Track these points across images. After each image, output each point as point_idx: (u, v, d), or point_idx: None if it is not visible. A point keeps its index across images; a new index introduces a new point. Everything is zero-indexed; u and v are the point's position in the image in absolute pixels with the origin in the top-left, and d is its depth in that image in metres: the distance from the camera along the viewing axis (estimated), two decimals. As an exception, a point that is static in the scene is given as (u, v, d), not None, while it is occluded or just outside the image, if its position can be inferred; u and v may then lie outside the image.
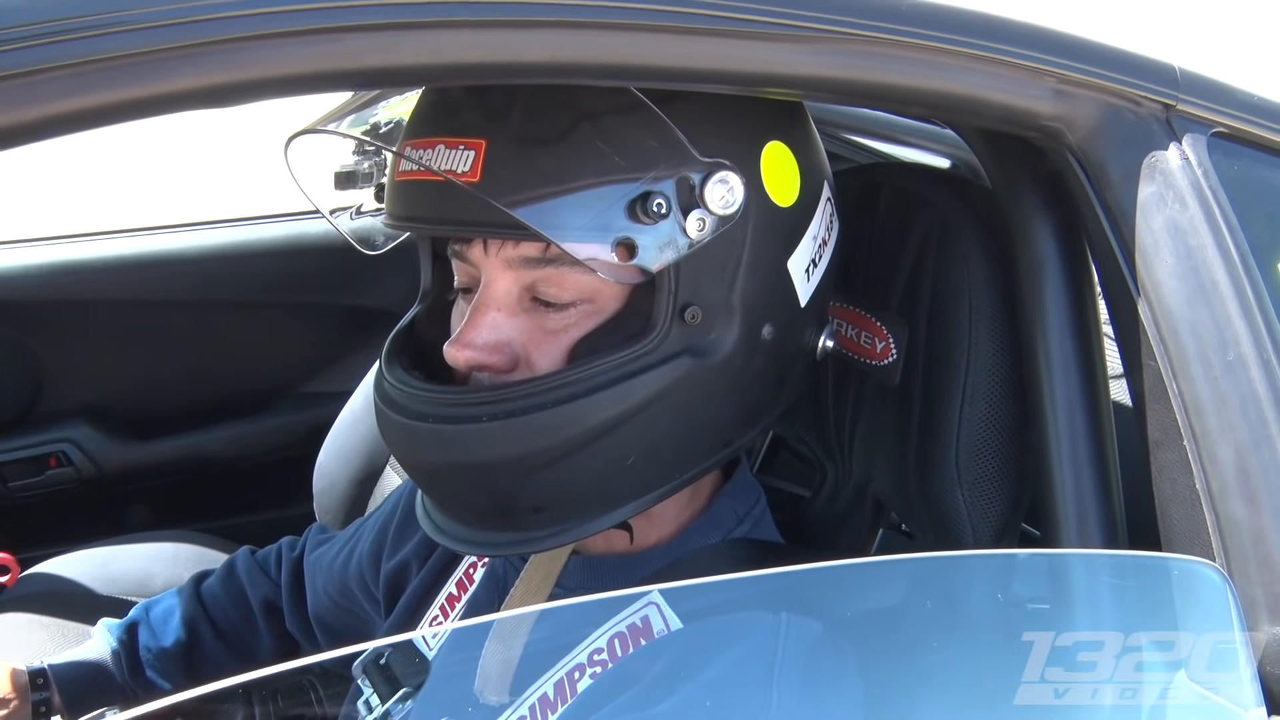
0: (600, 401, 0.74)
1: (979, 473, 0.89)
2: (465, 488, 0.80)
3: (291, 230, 2.21)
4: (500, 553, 0.87)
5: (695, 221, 0.73)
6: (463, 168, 0.73)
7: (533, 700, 0.77)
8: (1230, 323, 0.79)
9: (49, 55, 0.53)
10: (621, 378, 0.75)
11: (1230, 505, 0.77)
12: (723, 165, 0.74)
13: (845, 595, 0.77)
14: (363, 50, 0.58)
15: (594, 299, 0.77)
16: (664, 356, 0.76)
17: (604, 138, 0.73)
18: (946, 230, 0.92)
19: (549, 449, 0.75)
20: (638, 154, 0.73)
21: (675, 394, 0.77)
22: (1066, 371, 0.85)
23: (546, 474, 0.76)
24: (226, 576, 1.29)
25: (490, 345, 0.78)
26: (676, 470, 0.81)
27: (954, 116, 0.89)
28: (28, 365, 2.08)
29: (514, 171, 0.73)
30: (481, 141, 0.73)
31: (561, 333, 0.78)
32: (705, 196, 0.74)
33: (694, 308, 0.76)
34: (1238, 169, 0.84)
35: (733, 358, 0.78)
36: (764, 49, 0.70)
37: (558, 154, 0.73)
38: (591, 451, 0.76)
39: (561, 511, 0.79)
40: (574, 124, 0.73)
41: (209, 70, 0.56)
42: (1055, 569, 0.81)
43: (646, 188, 0.72)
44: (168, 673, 1.21)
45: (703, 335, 0.77)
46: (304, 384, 2.28)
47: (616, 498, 0.79)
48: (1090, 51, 0.80)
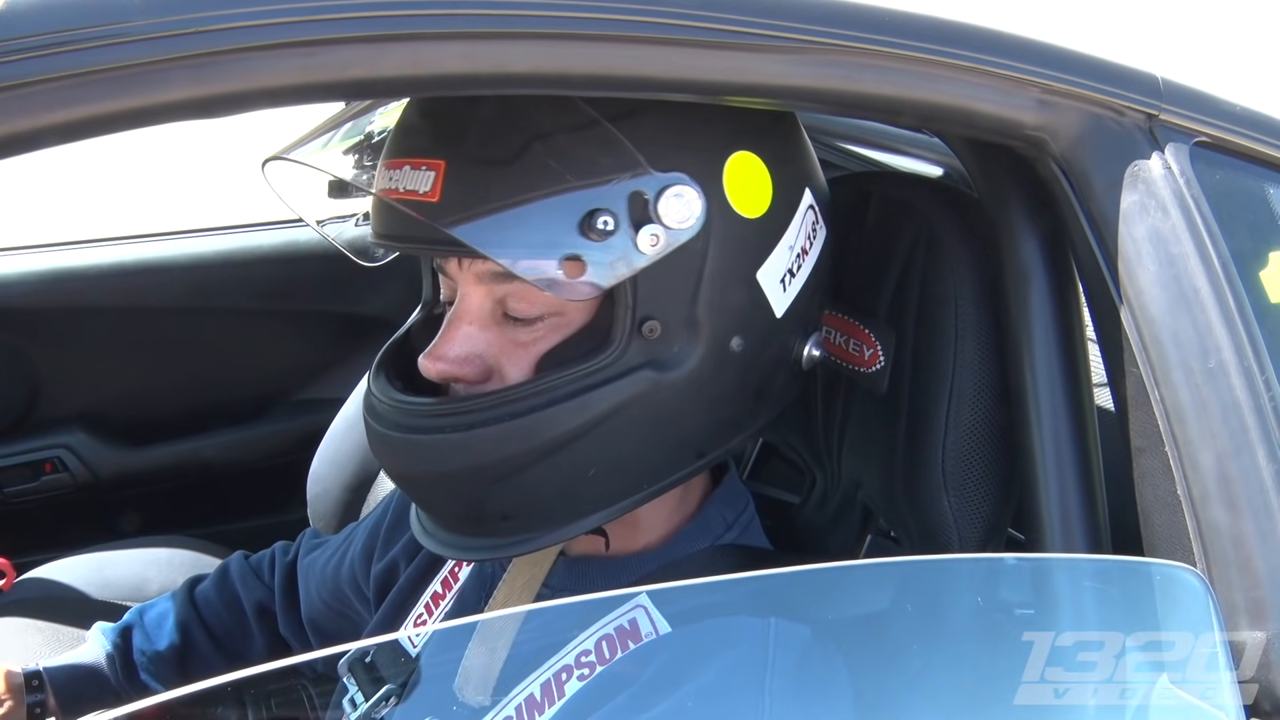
0: (559, 414, 0.76)
1: (965, 479, 0.89)
2: (437, 495, 0.83)
3: (287, 237, 2.21)
4: (473, 557, 0.89)
5: (648, 237, 0.73)
6: (424, 188, 0.75)
7: (519, 701, 0.78)
8: (1211, 330, 0.80)
9: (40, 68, 0.54)
10: (580, 390, 0.76)
11: (1211, 511, 0.78)
12: (678, 180, 0.74)
13: (832, 600, 0.78)
14: (348, 62, 0.59)
15: (562, 312, 0.78)
16: (623, 370, 0.77)
17: (556, 156, 0.73)
18: (934, 239, 0.92)
19: (509, 459, 0.77)
20: (589, 171, 0.74)
21: (636, 407, 0.77)
22: (1051, 378, 0.85)
23: (510, 483, 0.78)
24: (220, 581, 1.29)
25: (461, 358, 0.79)
26: (645, 481, 0.81)
27: (938, 126, 0.89)
28: (24, 371, 2.08)
29: (469, 191, 0.74)
30: (441, 162, 0.75)
31: (531, 345, 0.79)
32: (659, 211, 0.74)
33: (653, 322, 0.76)
34: (1220, 178, 0.85)
35: (699, 371, 0.79)
36: (748, 60, 0.71)
37: (510, 173, 0.74)
38: (553, 462, 0.77)
39: (528, 519, 0.81)
40: (527, 143, 0.74)
41: (198, 82, 0.57)
42: (1039, 573, 0.81)
43: (595, 205, 0.73)
44: (162, 676, 1.21)
45: (664, 349, 0.77)
46: (299, 391, 2.28)
47: (583, 507, 0.81)
48: (1073, 61, 0.81)
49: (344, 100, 0.58)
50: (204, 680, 1.24)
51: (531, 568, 0.91)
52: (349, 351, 2.22)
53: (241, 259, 2.19)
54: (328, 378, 2.25)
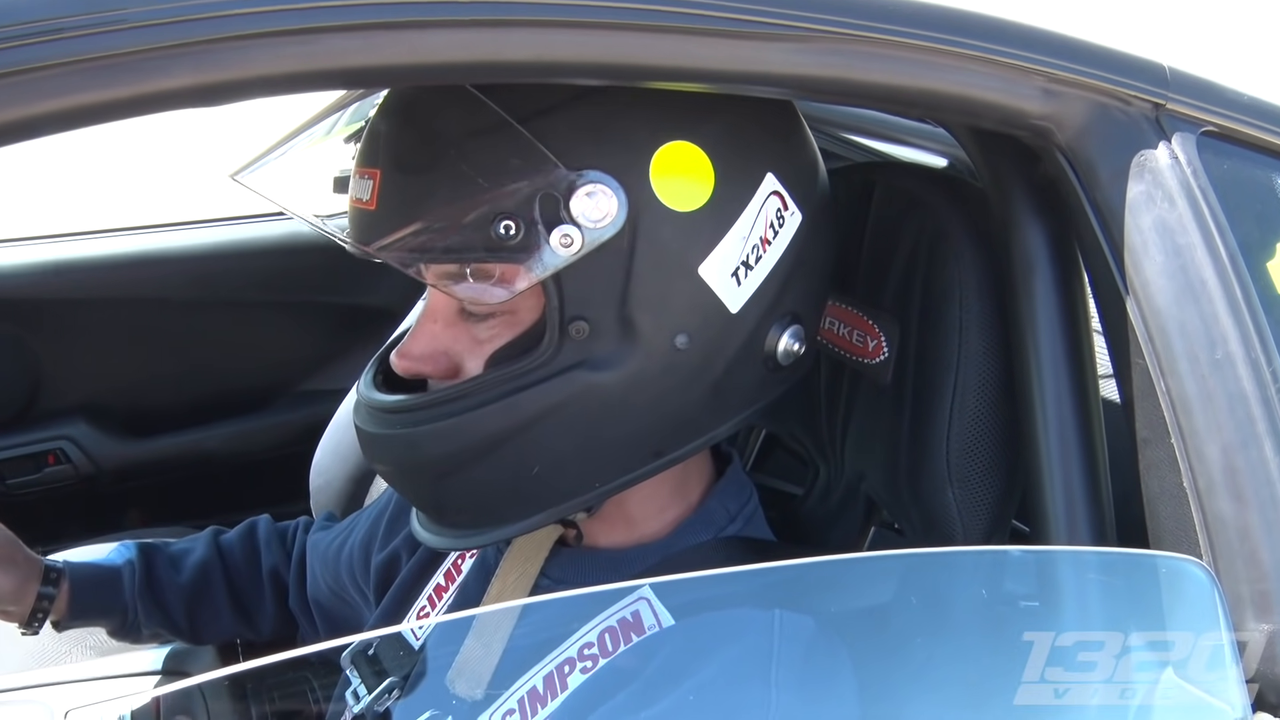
0: (490, 414, 0.77)
1: (969, 470, 0.89)
2: (401, 486, 0.88)
3: (289, 229, 2.21)
4: (440, 547, 0.93)
5: (560, 237, 0.72)
6: (365, 196, 0.77)
7: (521, 694, 0.78)
8: (1218, 321, 0.79)
9: (37, 55, 0.53)
10: (510, 391, 0.76)
11: (1217, 503, 0.78)
12: (592, 178, 0.73)
13: (836, 591, 0.78)
14: (345, 50, 0.58)
15: (513, 311, 0.78)
16: (554, 371, 0.76)
17: (467, 160, 0.73)
18: (938, 229, 0.92)
19: (449, 456, 0.79)
20: (499, 174, 0.73)
21: (570, 408, 0.77)
22: (1056, 370, 0.85)
23: (455, 479, 0.80)
24: (246, 535, 1.29)
25: (424, 355, 0.81)
26: (595, 479, 0.81)
27: (943, 115, 0.89)
28: (26, 362, 2.08)
29: (395, 200, 0.76)
30: (377, 171, 0.77)
31: (486, 343, 0.80)
32: (571, 211, 0.72)
33: (580, 322, 0.75)
34: (1227, 168, 0.84)
35: (639, 372, 0.77)
36: (752, 48, 0.70)
37: (426, 180, 0.75)
38: (492, 460, 0.78)
39: (477, 514, 0.83)
40: (442, 149, 0.74)
41: (196, 70, 0.56)
42: (1044, 566, 0.81)
43: (502, 208, 0.72)
44: (173, 607, 1.21)
45: (597, 349, 0.76)
46: (301, 382, 2.28)
47: (530, 504, 0.81)
48: (1079, 50, 0.80)
49: (342, 89, 0.58)
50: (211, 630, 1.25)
51: (526, 560, 0.91)
52: (351, 343, 2.22)
53: (244, 250, 2.18)
54: (330, 369, 2.25)
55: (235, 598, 1.25)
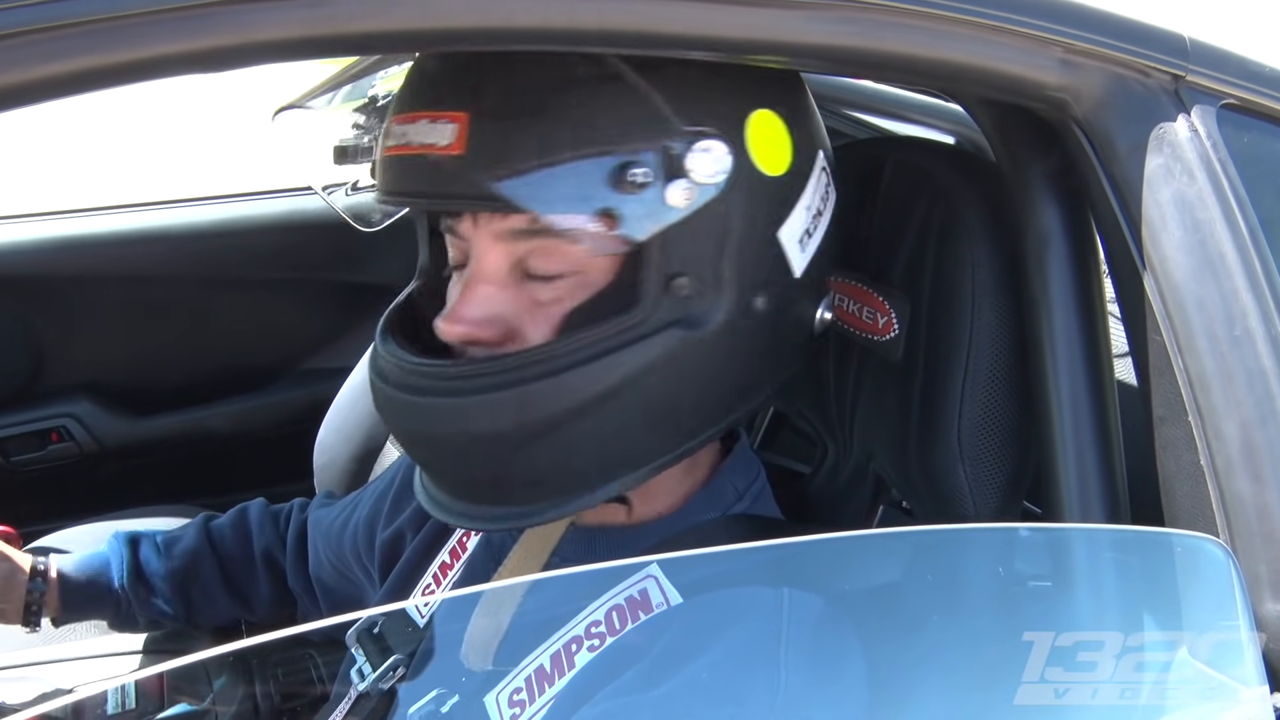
0: (588, 373, 0.74)
1: (981, 448, 0.88)
2: (461, 461, 0.79)
3: (291, 206, 2.20)
4: (495, 527, 0.87)
5: (679, 191, 0.72)
6: (444, 141, 0.73)
7: (529, 672, 0.77)
8: (1238, 297, 0.78)
9: (34, 17, 0.52)
10: (613, 349, 0.74)
11: (1235, 481, 0.77)
12: (706, 134, 0.73)
13: (845, 570, 0.77)
14: (353, 14, 0.57)
15: (583, 271, 0.77)
16: (654, 328, 0.75)
17: (584, 108, 0.72)
18: (950, 204, 0.91)
19: (543, 421, 0.74)
20: (619, 124, 0.72)
21: (668, 365, 0.76)
22: (1070, 346, 0.84)
23: (541, 446, 0.76)
24: (238, 520, 1.29)
25: (482, 319, 0.77)
26: (673, 442, 0.80)
27: (957, 87, 0.87)
28: (29, 340, 2.08)
29: (495, 144, 0.72)
30: (463, 115, 0.73)
31: (553, 305, 0.77)
32: (688, 166, 0.73)
33: (682, 278, 0.75)
34: (1247, 141, 0.83)
35: (725, 329, 0.77)
36: (762, 15, 0.68)
37: (538, 126, 0.72)
38: (585, 423, 0.75)
39: (556, 485, 0.79)
40: (554, 95, 0.72)
41: (197, 34, 0.55)
42: (1057, 544, 0.80)
43: (628, 158, 0.72)
44: (165, 594, 1.21)
45: (692, 306, 0.76)
46: (304, 360, 2.27)
47: (611, 470, 0.79)
48: (1098, 20, 0.79)
49: (349, 55, 0.57)
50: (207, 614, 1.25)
51: (543, 537, 0.90)
52: (355, 321, 2.21)
53: (248, 228, 2.17)
54: (334, 347, 2.24)
55: (228, 581, 1.24)
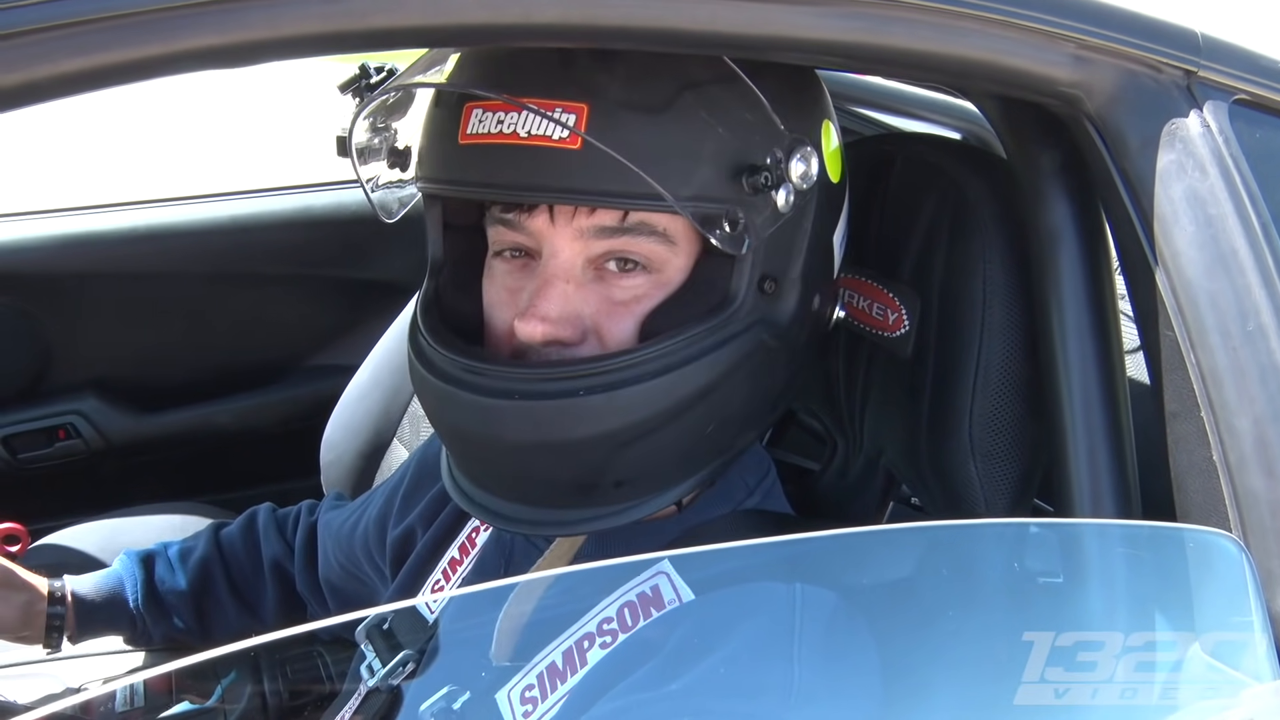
0: (692, 372, 0.76)
1: (992, 444, 0.88)
2: (549, 465, 0.78)
3: (298, 203, 2.20)
4: (575, 531, 0.86)
5: (784, 196, 0.75)
6: (561, 133, 0.72)
7: (540, 669, 0.77)
8: (1250, 292, 0.78)
9: (56, 13, 0.52)
10: (711, 348, 0.76)
11: (1248, 477, 0.77)
12: (803, 140, 0.76)
13: (857, 565, 0.77)
14: (366, 10, 0.57)
15: (661, 270, 0.78)
16: (742, 327, 0.78)
17: (707, 108, 0.74)
18: (960, 201, 0.91)
19: (642, 422, 0.75)
20: (738, 126, 0.74)
21: (751, 363, 0.79)
22: (1081, 343, 0.84)
23: (638, 447, 0.77)
24: (246, 528, 1.29)
25: (563, 318, 0.77)
26: (741, 436, 0.84)
27: (969, 83, 0.87)
28: (36, 337, 2.08)
29: (623, 137, 0.72)
30: (583, 106, 0.72)
31: (632, 304, 0.78)
32: (790, 171, 0.75)
33: (770, 279, 0.79)
34: (1260, 137, 0.83)
35: (791, 326, 0.81)
36: (777, 12, 0.68)
37: (664, 122, 0.73)
38: (679, 423, 0.77)
39: (643, 484, 0.80)
40: (678, 92, 0.73)
41: (218, 30, 0.55)
42: (1069, 539, 0.80)
43: (752, 160, 0.74)
44: (179, 610, 1.21)
45: (773, 306, 0.80)
46: (311, 357, 2.27)
47: (690, 467, 0.82)
48: (1110, 16, 0.79)
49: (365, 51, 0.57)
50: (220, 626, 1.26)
51: (572, 538, 0.90)
52: (362, 317, 2.21)
53: (254, 224, 2.17)
54: (341, 344, 2.24)
55: (236, 592, 1.25)
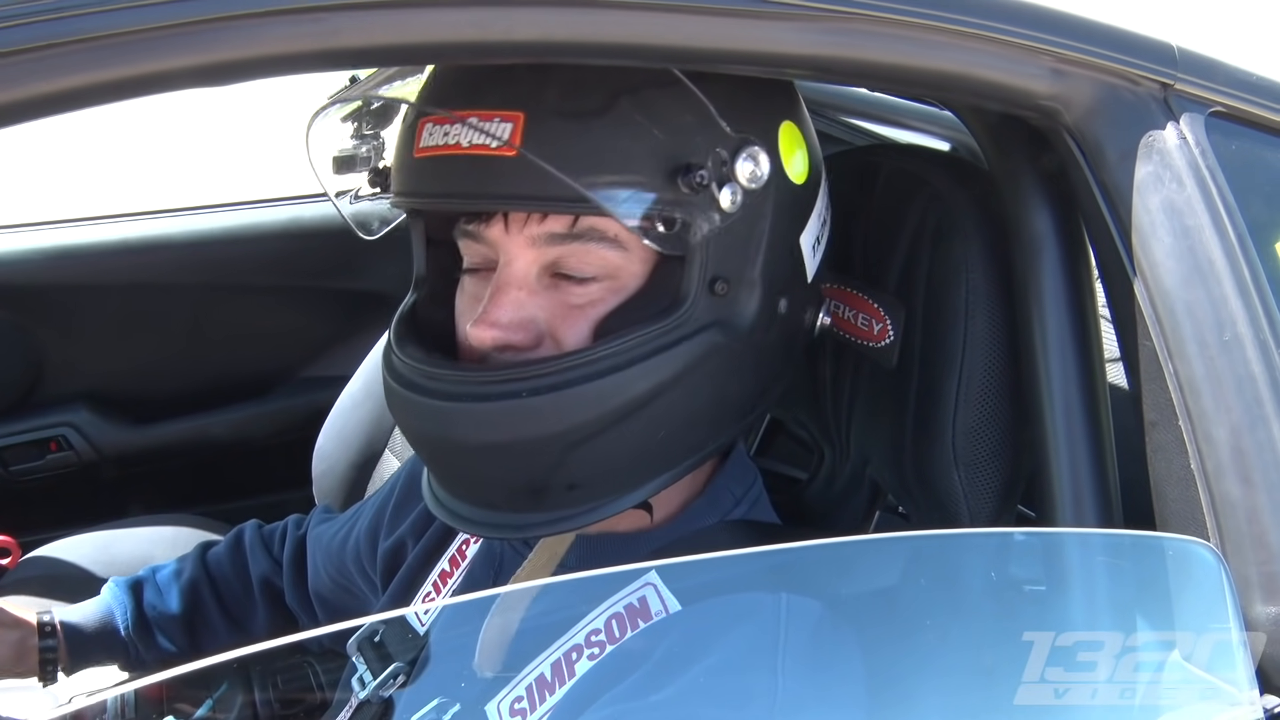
0: (639, 373, 0.75)
1: (975, 453, 0.89)
2: (500, 468, 0.79)
3: (289, 214, 2.20)
4: (530, 534, 0.86)
5: (728, 196, 0.75)
6: (498, 141, 0.73)
7: (529, 681, 0.77)
8: (1227, 303, 0.79)
9: (42, 34, 0.53)
10: (658, 349, 0.76)
11: (1225, 485, 0.77)
12: (750, 141, 0.76)
13: (843, 574, 0.77)
14: (349, 29, 0.58)
15: (616, 275, 0.78)
16: (695, 329, 0.77)
17: (643, 111, 0.74)
18: (943, 212, 0.91)
19: (589, 423, 0.75)
20: (676, 128, 0.75)
21: (705, 366, 0.78)
22: (1063, 352, 0.84)
23: (585, 449, 0.76)
24: (233, 547, 1.29)
25: (515, 323, 0.78)
26: (704, 442, 0.83)
27: (950, 96, 0.88)
28: (28, 349, 2.08)
29: (557, 143, 0.73)
30: (519, 114, 0.73)
31: (587, 308, 0.78)
32: (736, 171, 0.75)
33: (722, 281, 0.78)
34: (1236, 148, 0.84)
35: (754, 330, 0.80)
36: (758, 28, 0.69)
37: (599, 127, 0.74)
38: (629, 425, 0.76)
39: (596, 488, 0.79)
40: (614, 97, 0.74)
41: (202, 49, 0.56)
42: (1051, 548, 0.81)
43: (689, 160, 0.74)
44: (171, 634, 1.21)
45: (729, 308, 0.79)
46: (303, 368, 2.27)
47: (647, 472, 0.81)
48: (1088, 30, 0.80)
49: (348, 69, 0.57)
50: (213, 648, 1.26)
51: (554, 545, 0.90)
52: (353, 328, 2.21)
53: (245, 236, 2.18)
54: (332, 355, 2.25)
55: (226, 612, 1.25)
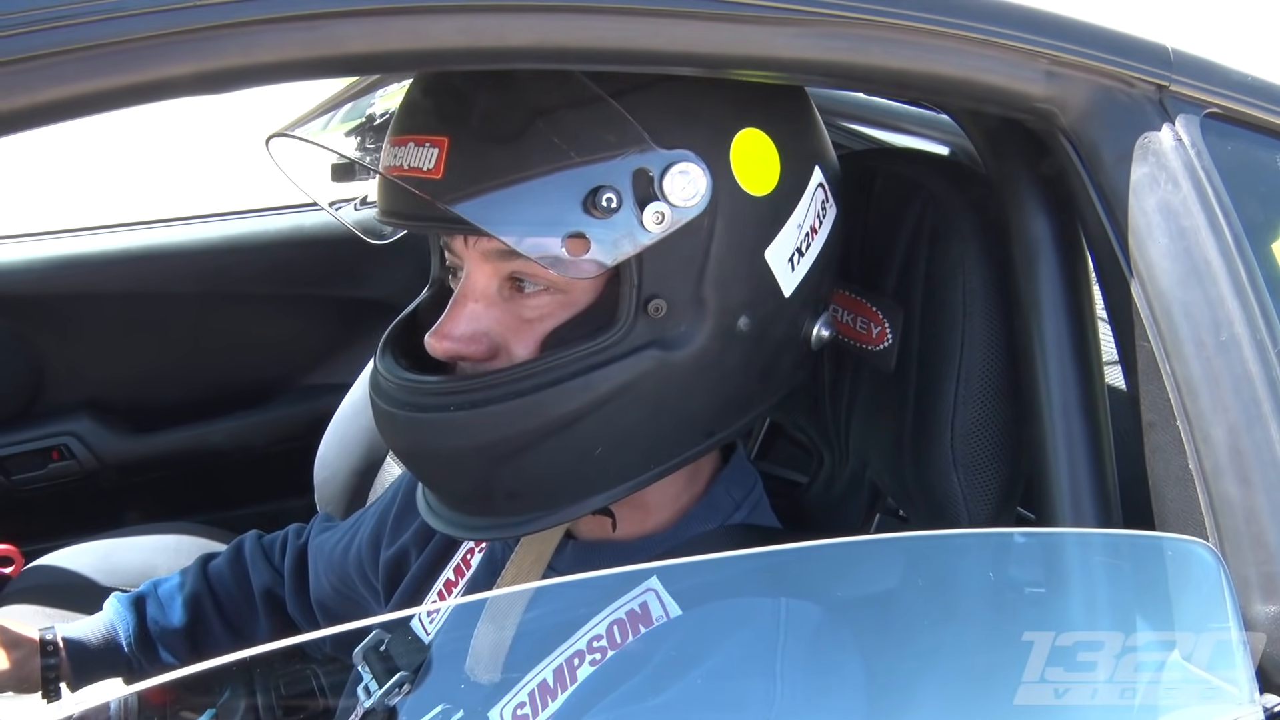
0: (563, 393, 0.75)
1: (974, 456, 0.89)
2: (443, 473, 0.82)
3: (291, 223, 2.21)
4: (478, 537, 0.89)
5: (653, 214, 0.73)
6: (427, 165, 0.75)
7: (531, 687, 0.77)
8: (1223, 303, 0.79)
9: (39, 43, 0.53)
10: (585, 370, 0.75)
11: (1223, 485, 0.78)
12: (683, 157, 0.74)
13: (842, 577, 0.77)
14: (349, 36, 0.58)
15: (568, 290, 0.78)
16: (628, 349, 0.76)
17: (558, 132, 0.73)
18: (941, 215, 0.92)
19: (513, 438, 0.76)
20: (593, 147, 0.73)
21: (642, 386, 0.77)
22: (1061, 354, 0.85)
23: (514, 462, 0.77)
24: (233, 559, 1.30)
25: (467, 336, 0.79)
26: (652, 460, 0.81)
27: (946, 99, 0.89)
28: (29, 358, 2.08)
29: (471, 168, 0.74)
30: (444, 139, 0.75)
31: (536, 322, 0.79)
32: (664, 189, 0.73)
33: (658, 300, 0.76)
34: (1231, 149, 0.84)
35: (706, 351, 0.78)
36: (752, 32, 0.70)
37: (513, 150, 0.73)
38: (557, 441, 0.77)
39: (534, 499, 0.80)
40: (529, 120, 0.73)
41: (198, 57, 0.56)
42: (1050, 549, 0.81)
43: (599, 181, 0.72)
44: (174, 648, 1.22)
45: (670, 328, 0.77)
46: (304, 376, 2.28)
47: (588, 486, 0.80)
48: (1082, 32, 0.80)
49: (345, 76, 0.58)
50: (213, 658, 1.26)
51: (538, 547, 0.91)
52: (354, 336, 2.22)
53: (246, 244, 2.18)
54: (333, 362, 2.25)
55: (229, 625, 1.25)
